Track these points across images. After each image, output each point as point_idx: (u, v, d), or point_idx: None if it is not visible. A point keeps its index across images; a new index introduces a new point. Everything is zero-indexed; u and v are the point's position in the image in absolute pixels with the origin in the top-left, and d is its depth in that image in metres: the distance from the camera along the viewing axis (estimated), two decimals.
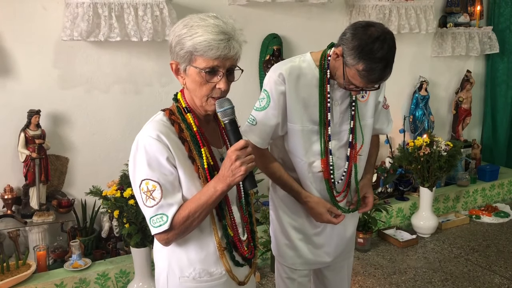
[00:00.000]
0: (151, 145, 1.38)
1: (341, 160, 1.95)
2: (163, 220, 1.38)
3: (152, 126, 1.41)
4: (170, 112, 1.47)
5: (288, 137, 1.93)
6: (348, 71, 1.73)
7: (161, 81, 3.45)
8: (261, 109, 1.88)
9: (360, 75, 1.70)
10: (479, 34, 4.70)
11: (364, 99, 1.97)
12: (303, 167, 1.94)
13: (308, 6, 3.76)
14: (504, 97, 5.06)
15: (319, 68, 1.87)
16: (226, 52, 1.34)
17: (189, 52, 1.35)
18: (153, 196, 1.38)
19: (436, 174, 3.81)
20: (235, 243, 1.51)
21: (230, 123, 1.40)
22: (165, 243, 1.44)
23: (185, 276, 1.49)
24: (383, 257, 3.66)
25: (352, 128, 1.93)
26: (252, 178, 1.41)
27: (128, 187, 2.63)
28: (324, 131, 1.89)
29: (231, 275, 1.52)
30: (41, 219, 2.99)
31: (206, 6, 3.44)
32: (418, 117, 4.56)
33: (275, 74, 1.87)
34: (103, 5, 3.02)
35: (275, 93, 1.86)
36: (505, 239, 3.95)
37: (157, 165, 1.38)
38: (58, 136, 3.23)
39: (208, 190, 1.39)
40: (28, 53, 3.07)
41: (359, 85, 1.74)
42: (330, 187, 1.94)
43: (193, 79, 1.39)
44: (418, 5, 4.19)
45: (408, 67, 4.58)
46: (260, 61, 3.77)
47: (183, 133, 1.44)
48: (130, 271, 2.97)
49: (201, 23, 1.35)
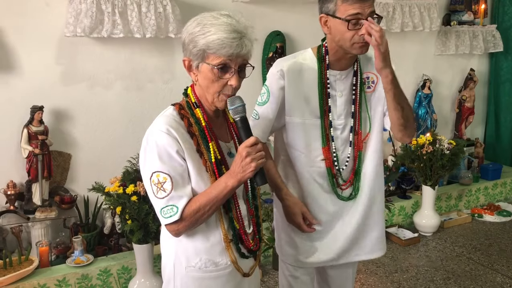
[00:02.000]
0: (162, 138, 1.42)
1: (344, 147, 1.93)
2: (173, 211, 1.42)
3: (162, 120, 1.45)
4: (180, 107, 1.51)
5: (288, 131, 1.93)
6: (339, 13, 1.74)
7: (164, 77, 3.45)
8: (262, 104, 1.91)
9: (345, 3, 1.70)
10: (483, 33, 4.68)
11: (371, 89, 1.96)
12: (304, 160, 1.93)
13: (311, 3, 3.74)
14: (508, 95, 5.04)
15: (316, 57, 1.89)
16: (238, 50, 1.38)
17: (202, 50, 1.39)
18: (164, 188, 1.41)
19: (439, 172, 3.81)
20: (240, 235, 1.54)
21: (241, 120, 1.44)
22: (175, 234, 1.48)
23: (191, 266, 1.52)
24: (385, 255, 3.63)
25: (354, 114, 1.91)
26: (262, 174, 1.44)
27: (130, 183, 2.63)
28: (325, 119, 1.89)
29: (236, 267, 1.55)
30: (43, 215, 3.00)
31: (209, 3, 3.43)
32: (421, 115, 4.54)
33: (276, 69, 1.89)
34: (106, 2, 3.02)
35: (275, 88, 1.88)
36: (508, 238, 3.94)
37: (167, 158, 1.42)
38: (61, 132, 3.24)
39: (219, 185, 1.42)
40: (31, 49, 3.07)
41: (357, 11, 1.71)
42: (334, 175, 1.93)
43: (206, 75, 1.43)
44: (422, 3, 4.18)
45: (412, 65, 4.57)
46: (263, 58, 3.77)
47: (192, 127, 1.48)
48: (132, 267, 2.98)
49: (214, 22, 1.38)
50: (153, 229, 2.66)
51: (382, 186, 2.05)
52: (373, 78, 1.96)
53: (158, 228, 2.71)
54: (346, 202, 1.99)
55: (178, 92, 1.59)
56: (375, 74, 1.95)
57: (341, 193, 1.97)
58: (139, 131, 3.35)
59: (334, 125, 1.91)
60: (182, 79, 3.34)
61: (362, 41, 1.74)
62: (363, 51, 1.79)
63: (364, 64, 1.95)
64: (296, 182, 1.99)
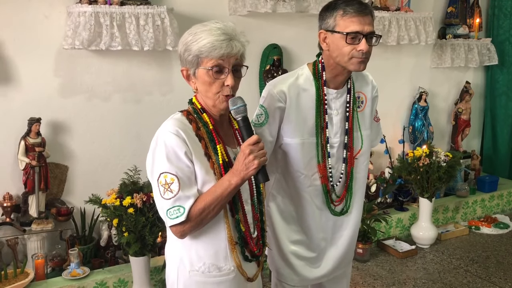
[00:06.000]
0: (170, 139, 1.45)
1: (338, 164, 1.97)
2: (180, 212, 1.44)
3: (172, 123, 1.49)
4: (187, 113, 1.55)
5: (288, 152, 1.94)
6: (338, 28, 1.77)
7: (162, 90, 3.46)
8: (260, 125, 1.89)
9: (344, 18, 1.75)
10: (478, 46, 4.72)
11: (361, 109, 2.00)
12: (303, 181, 1.94)
13: (308, 16, 3.78)
14: (504, 108, 5.07)
15: (312, 73, 1.90)
16: (229, 50, 1.45)
17: (196, 55, 1.47)
18: (171, 189, 1.44)
19: (436, 184, 3.81)
20: (246, 239, 1.57)
21: (243, 119, 1.49)
22: (180, 235, 1.49)
23: (194, 270, 1.54)
24: (383, 268, 3.65)
25: (348, 131, 1.94)
26: (265, 171, 1.48)
27: (127, 195, 2.63)
28: (321, 137, 1.91)
29: (241, 271, 1.58)
30: (40, 227, 2.98)
31: (207, 16, 3.46)
32: (418, 128, 4.57)
33: (275, 90, 1.88)
34: (104, 15, 3.04)
35: (274, 109, 1.88)
36: (505, 250, 3.94)
37: (175, 159, 1.45)
38: (58, 144, 3.23)
39: (223, 184, 1.46)
40: (30, 61, 3.08)
41: (355, 29, 1.74)
42: (328, 190, 1.95)
43: (203, 80, 1.49)
44: (418, 17, 4.22)
45: (408, 78, 4.60)
46: (260, 71, 3.80)
47: (200, 131, 1.52)
48: (129, 280, 2.96)
49: (204, 28, 1.47)
50: (150, 241, 2.65)
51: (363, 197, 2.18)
52: (362, 98, 2.01)
53: (154, 240, 2.70)
54: (339, 217, 2.02)
55: (176, 104, 1.61)
56: (364, 94, 2.00)
57: (334, 208, 2.00)
58: (137, 144, 3.38)
59: (330, 143, 1.93)
60: (180, 91, 3.34)
61: (361, 57, 1.76)
62: (361, 68, 1.81)
63: (355, 82, 1.99)
64: (292, 200, 2.00)
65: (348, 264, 2.20)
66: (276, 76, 3.60)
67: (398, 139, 4.49)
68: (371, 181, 4.11)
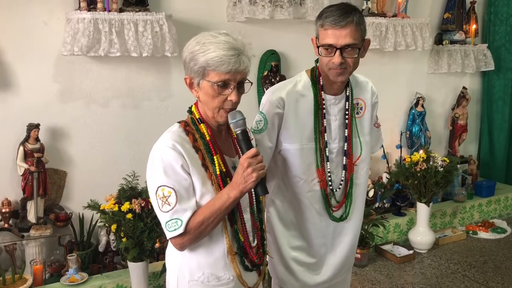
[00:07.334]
0: (167, 153, 1.46)
1: (338, 170, 1.97)
2: (178, 225, 1.44)
3: (168, 136, 1.50)
4: (185, 124, 1.55)
5: (287, 157, 1.95)
6: (319, 38, 1.80)
7: (160, 96, 3.47)
8: (259, 132, 1.91)
9: (321, 30, 1.78)
10: (475, 52, 4.75)
11: (360, 115, 2.01)
12: (303, 186, 1.95)
13: (306, 23, 3.81)
14: (501, 113, 5.09)
15: (311, 79, 1.92)
16: (236, 66, 1.44)
17: (202, 67, 1.45)
18: (169, 202, 1.45)
19: (433, 189, 3.83)
20: (245, 248, 1.56)
21: (242, 133, 1.50)
22: (180, 248, 1.50)
23: (194, 280, 1.54)
24: (381, 273, 3.65)
25: (347, 138, 1.95)
26: (264, 184, 1.48)
27: (126, 201, 2.64)
28: (319, 142, 1.92)
29: (241, 280, 1.57)
30: (38, 233, 2.98)
31: (205, 23, 3.48)
32: (415, 133, 4.59)
33: (274, 97, 1.90)
34: (103, 21, 3.06)
35: (273, 116, 1.90)
36: (502, 255, 3.95)
37: (172, 172, 1.45)
38: (57, 150, 3.24)
39: (221, 197, 1.46)
40: (29, 68, 3.09)
41: (329, 42, 1.76)
42: (327, 195, 1.95)
43: (206, 92, 1.48)
44: (414, 23, 4.25)
45: (405, 84, 4.62)
46: (258, 77, 3.82)
47: (197, 142, 1.52)
48: (127, 285, 2.96)
49: (213, 40, 1.45)
50: (148, 247, 2.66)
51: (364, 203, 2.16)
52: (361, 104, 2.02)
53: (153, 246, 2.70)
54: (339, 223, 2.03)
55: (175, 110, 1.62)
56: (363, 100, 2.01)
57: (333, 213, 2.00)
58: (135, 149, 3.38)
59: (329, 149, 1.94)
60: (179, 97, 3.33)
61: (336, 68, 1.78)
62: (339, 79, 1.83)
63: (354, 89, 2.00)
64: (292, 205, 2.01)
65: (349, 270, 2.21)
66: (274, 82, 3.62)
67: (395, 144, 4.50)
68: (369, 186, 4.12)
